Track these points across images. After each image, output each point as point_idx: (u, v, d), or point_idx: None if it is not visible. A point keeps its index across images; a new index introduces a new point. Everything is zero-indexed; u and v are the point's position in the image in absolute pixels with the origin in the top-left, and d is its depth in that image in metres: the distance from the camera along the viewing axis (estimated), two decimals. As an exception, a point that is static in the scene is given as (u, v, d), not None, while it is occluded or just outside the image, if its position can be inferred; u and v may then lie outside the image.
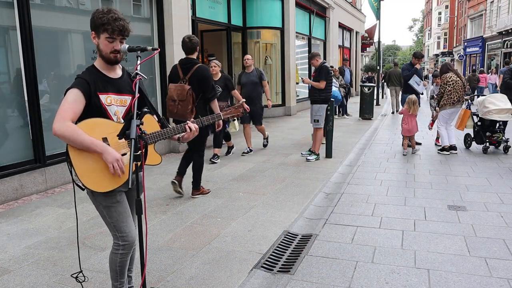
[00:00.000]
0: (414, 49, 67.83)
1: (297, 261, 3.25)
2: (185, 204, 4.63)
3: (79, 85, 2.09)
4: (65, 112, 2.03)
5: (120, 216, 2.25)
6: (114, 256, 2.32)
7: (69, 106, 2.05)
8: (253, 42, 12.86)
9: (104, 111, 2.16)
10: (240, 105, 2.48)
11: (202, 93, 4.60)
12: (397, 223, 4.03)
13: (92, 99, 2.12)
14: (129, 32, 2.16)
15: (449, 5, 51.10)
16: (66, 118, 2.02)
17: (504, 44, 29.23)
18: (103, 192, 2.15)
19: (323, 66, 6.63)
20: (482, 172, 5.94)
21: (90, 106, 2.13)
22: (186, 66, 4.63)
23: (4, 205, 4.71)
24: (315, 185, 5.29)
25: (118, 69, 2.28)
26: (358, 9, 25.53)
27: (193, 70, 4.56)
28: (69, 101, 2.06)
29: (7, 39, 5.00)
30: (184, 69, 4.62)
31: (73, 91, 2.08)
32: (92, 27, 2.14)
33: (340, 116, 13.17)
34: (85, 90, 2.09)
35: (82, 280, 2.48)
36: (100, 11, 2.11)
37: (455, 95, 6.98)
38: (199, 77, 4.56)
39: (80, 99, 2.08)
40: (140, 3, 7.31)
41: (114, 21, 2.08)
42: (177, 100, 4.45)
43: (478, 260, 3.21)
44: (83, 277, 2.51)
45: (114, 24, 2.08)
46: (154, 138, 2.21)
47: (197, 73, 4.56)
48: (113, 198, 2.22)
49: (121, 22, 2.10)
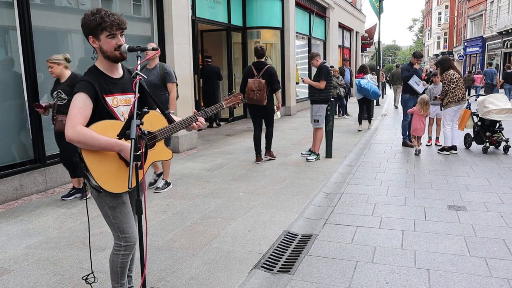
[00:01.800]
0: (414, 49, 67.85)
1: (297, 261, 3.25)
2: (185, 204, 4.63)
3: (85, 89, 2.07)
4: (75, 117, 2.03)
5: (124, 217, 2.25)
6: (115, 257, 2.31)
7: (79, 110, 2.04)
8: (253, 42, 12.86)
9: (112, 113, 2.15)
10: (238, 92, 2.54)
11: (270, 85, 6.28)
12: (397, 223, 4.03)
13: (99, 101, 2.11)
14: (125, 24, 2.13)
15: (449, 5, 51.10)
16: (78, 123, 2.02)
17: (504, 44, 29.23)
18: (111, 193, 2.14)
19: (323, 66, 6.63)
20: (482, 172, 5.94)
21: (98, 108, 2.11)
22: (259, 66, 6.34)
23: (4, 205, 4.71)
24: (315, 185, 5.29)
25: (120, 68, 2.27)
26: (358, 9, 25.53)
27: (264, 69, 6.28)
28: (78, 105, 2.05)
29: (7, 39, 5.00)
30: (257, 69, 6.33)
31: (80, 95, 2.06)
32: (88, 31, 2.10)
33: (340, 116, 13.17)
34: (91, 93, 2.08)
35: (92, 281, 2.49)
36: (90, 14, 2.07)
37: (459, 92, 6.96)
38: (269, 74, 6.28)
39: (88, 103, 2.07)
40: (140, 3, 7.31)
41: (108, 17, 2.06)
42: (255, 90, 6.19)
43: (478, 260, 3.21)
44: (93, 278, 2.53)
45: (110, 20, 2.05)
46: (163, 133, 2.23)
47: (268, 71, 6.29)
48: (120, 199, 2.22)
49: (116, 16, 2.08)
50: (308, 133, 9.35)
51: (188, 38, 7.87)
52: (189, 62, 7.92)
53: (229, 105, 2.49)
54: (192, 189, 5.21)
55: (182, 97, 7.75)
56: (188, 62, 7.91)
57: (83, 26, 2.11)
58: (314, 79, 6.71)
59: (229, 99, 2.50)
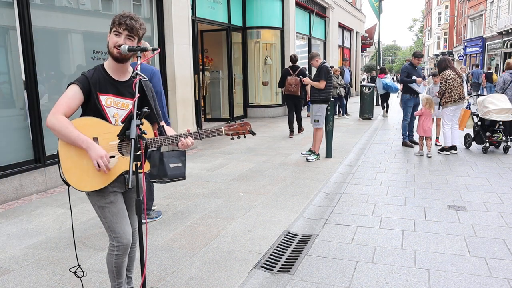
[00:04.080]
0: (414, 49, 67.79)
1: (297, 261, 3.25)
2: (185, 204, 4.63)
3: (79, 82, 2.13)
4: (60, 106, 2.09)
5: (114, 217, 2.23)
6: (109, 257, 2.32)
7: (66, 100, 2.10)
8: (253, 42, 12.86)
9: (103, 112, 2.15)
10: (246, 122, 2.22)
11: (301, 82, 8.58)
12: (397, 223, 4.03)
13: (92, 97, 2.13)
14: (137, 31, 2.13)
15: (449, 5, 51.09)
16: (60, 111, 2.07)
17: (504, 44, 29.23)
18: (96, 191, 2.17)
19: (323, 66, 6.63)
20: (482, 172, 5.94)
21: (90, 104, 2.14)
22: (294, 68, 9.11)
23: (4, 205, 4.71)
24: (315, 185, 5.29)
25: (128, 72, 2.26)
26: (358, 9, 25.53)
27: (298, 70, 9.05)
28: (67, 95, 2.11)
29: (7, 39, 5.00)
30: (293, 70, 9.09)
31: (72, 87, 2.13)
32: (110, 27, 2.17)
33: (340, 116, 13.18)
34: (84, 87, 2.12)
35: (81, 276, 2.48)
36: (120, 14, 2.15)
37: (455, 92, 6.96)
38: (302, 74, 9.00)
39: (78, 95, 2.11)
40: (140, 3, 7.31)
41: (123, 17, 2.11)
42: (292, 84, 8.85)
43: (478, 260, 3.21)
44: (82, 272, 2.52)
45: (122, 19, 2.10)
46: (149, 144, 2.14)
47: (301, 72, 9.06)
48: (107, 199, 2.22)
49: (132, 21, 2.11)
50: (308, 133, 9.35)
51: (188, 38, 7.87)
52: (189, 62, 7.92)
53: (229, 133, 2.22)
54: (192, 189, 5.21)
55: (182, 97, 7.77)
56: (188, 62, 7.91)
57: None
58: (314, 79, 6.72)
59: (232, 126, 2.22)
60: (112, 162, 2.12)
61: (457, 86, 6.98)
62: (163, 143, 2.17)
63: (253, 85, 13.08)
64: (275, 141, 8.61)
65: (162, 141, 2.17)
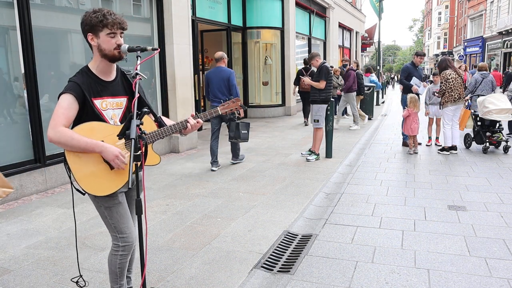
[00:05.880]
0: (414, 49, 67.78)
1: (297, 261, 3.25)
2: (185, 204, 4.63)
3: (71, 90, 2.06)
4: (58, 118, 2.03)
5: (121, 217, 2.24)
6: (113, 258, 2.30)
7: (62, 111, 2.04)
8: (253, 42, 12.86)
9: (100, 116, 2.14)
10: (237, 98, 2.47)
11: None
12: (397, 223, 4.03)
13: (86, 103, 2.09)
14: (126, 24, 2.13)
15: (449, 5, 51.12)
16: (59, 124, 2.02)
17: (504, 44, 29.25)
18: None
19: (323, 66, 6.63)
20: (482, 172, 5.94)
21: (86, 110, 2.10)
22: (307, 69, 10.55)
23: (4, 205, 4.71)
24: (315, 185, 5.29)
25: (114, 69, 2.24)
26: (358, 9, 25.52)
27: (310, 71, 10.25)
28: (62, 106, 2.05)
29: (7, 39, 5.00)
30: (306, 71, 10.57)
31: (65, 97, 2.06)
32: (88, 28, 2.09)
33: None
34: (78, 94, 2.06)
35: (82, 285, 2.48)
36: (91, 12, 2.07)
37: (455, 92, 6.97)
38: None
39: (73, 105, 2.06)
40: (140, 3, 7.31)
41: (110, 15, 2.06)
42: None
43: (478, 260, 3.21)
44: (84, 281, 2.52)
45: (112, 18, 2.06)
46: (152, 138, 2.18)
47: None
48: (115, 199, 2.22)
49: (117, 16, 2.09)
50: (308, 133, 9.36)
51: (188, 38, 7.87)
52: (189, 62, 7.92)
53: (224, 110, 2.42)
54: (192, 189, 5.22)
55: (182, 97, 7.77)
56: (188, 62, 7.90)
57: (83, 23, 2.10)
58: (314, 79, 6.72)
59: (225, 104, 2.43)
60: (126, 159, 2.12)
61: (457, 86, 6.99)
62: (167, 133, 2.22)
63: (253, 85, 13.08)
64: (275, 141, 8.61)
65: (166, 132, 2.21)
